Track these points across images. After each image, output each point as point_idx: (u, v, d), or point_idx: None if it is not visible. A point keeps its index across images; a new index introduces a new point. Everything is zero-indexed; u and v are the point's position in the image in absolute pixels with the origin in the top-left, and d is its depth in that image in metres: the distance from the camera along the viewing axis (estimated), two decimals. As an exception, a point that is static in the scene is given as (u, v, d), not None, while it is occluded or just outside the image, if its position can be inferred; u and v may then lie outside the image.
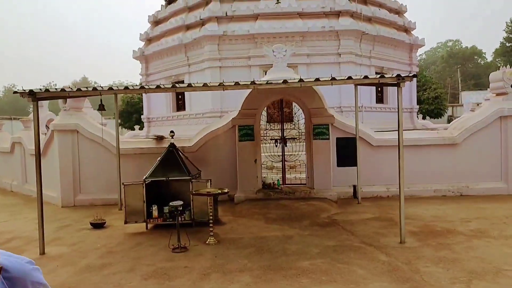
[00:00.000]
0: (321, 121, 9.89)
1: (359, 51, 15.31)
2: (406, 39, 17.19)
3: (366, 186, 10.28)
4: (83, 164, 10.46)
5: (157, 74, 17.69)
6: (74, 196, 10.44)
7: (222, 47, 15.21)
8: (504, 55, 48.51)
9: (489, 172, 10.33)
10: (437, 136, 10.48)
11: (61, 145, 10.30)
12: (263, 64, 14.55)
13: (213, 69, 15.18)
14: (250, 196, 9.85)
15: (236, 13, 15.30)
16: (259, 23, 15.00)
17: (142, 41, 18.37)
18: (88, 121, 10.38)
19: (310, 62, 15.07)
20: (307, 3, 15.25)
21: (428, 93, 33.53)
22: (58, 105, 11.35)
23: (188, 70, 16.24)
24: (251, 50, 15.01)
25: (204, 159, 10.20)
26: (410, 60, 17.84)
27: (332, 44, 15.07)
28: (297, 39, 14.88)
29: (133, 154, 10.26)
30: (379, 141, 10.39)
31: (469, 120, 10.41)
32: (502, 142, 10.25)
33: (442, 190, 10.32)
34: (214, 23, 15.17)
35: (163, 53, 17.07)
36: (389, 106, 16.76)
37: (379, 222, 7.93)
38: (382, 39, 16.10)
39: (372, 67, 16.05)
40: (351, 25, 14.76)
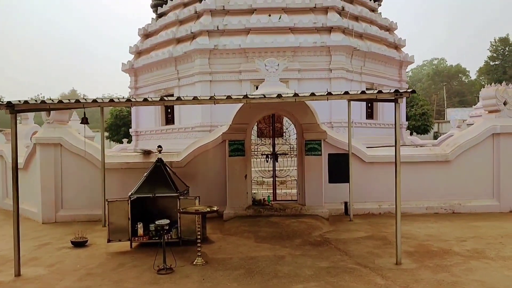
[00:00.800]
0: (313, 136, 9.61)
1: (350, 67, 15.19)
2: (396, 56, 17.18)
3: (358, 203, 9.99)
4: (66, 179, 9.97)
5: (146, 88, 17.32)
6: (55, 211, 9.92)
7: (213, 61, 14.95)
8: (488, 73, 49.38)
9: (481, 190, 10.14)
10: (430, 153, 10.28)
11: (43, 158, 9.82)
12: (254, 79, 14.33)
13: (204, 83, 14.88)
14: (240, 212, 9.46)
15: (228, 27, 15.11)
16: (251, 37, 14.81)
17: (132, 54, 18.05)
18: (72, 135, 9.93)
19: (301, 78, 14.89)
20: (299, 18, 15.13)
21: (415, 110, 33.74)
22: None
23: (178, 83, 15.92)
24: (242, 65, 14.78)
25: (193, 175, 9.81)
26: (400, 76, 17.81)
27: (324, 59, 14.93)
28: (289, 54, 14.71)
29: (119, 168, 9.82)
30: (372, 157, 10.14)
31: (461, 137, 10.24)
32: (495, 159, 10.08)
33: (434, 207, 10.07)
34: (205, 37, 14.94)
35: (152, 66, 16.74)
36: (379, 122, 16.61)
37: (373, 241, 7.60)
38: (373, 55, 16.04)
39: (363, 83, 15.93)
40: (343, 41, 14.66)
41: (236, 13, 15.41)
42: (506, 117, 10.13)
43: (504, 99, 10.13)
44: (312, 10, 15.51)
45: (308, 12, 15.45)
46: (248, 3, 15.36)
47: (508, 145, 10.05)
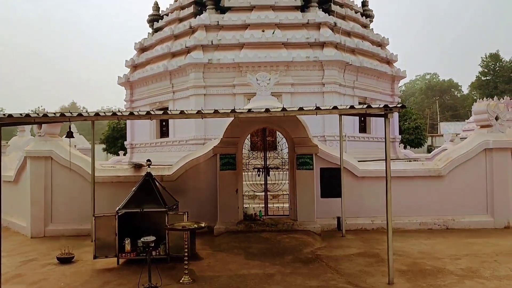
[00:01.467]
0: (305, 151, 9.39)
1: (343, 82, 15.07)
2: (388, 71, 17.09)
3: (350, 218, 9.72)
4: (56, 192, 9.68)
5: (141, 101, 17.14)
6: (44, 226, 9.60)
7: (207, 75, 14.80)
8: (480, 88, 49.59)
9: (475, 205, 9.89)
10: (422, 168, 10.06)
11: (33, 172, 9.55)
12: (248, 92, 14.15)
13: (198, 97, 14.71)
14: (231, 228, 9.17)
15: (222, 42, 15.01)
16: (244, 52, 14.70)
17: (127, 67, 17.90)
18: (63, 148, 9.66)
19: (294, 91, 14.75)
20: (292, 34, 15.06)
21: (409, 123, 33.70)
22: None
23: (172, 97, 15.74)
24: (235, 79, 14.64)
25: (183, 189, 9.54)
26: (393, 91, 17.70)
27: (316, 74, 14.81)
28: (282, 68, 14.59)
29: (109, 182, 9.54)
30: (364, 172, 9.91)
31: (454, 152, 10.04)
32: (488, 174, 9.86)
33: (428, 223, 9.81)
34: (199, 51, 14.82)
35: (148, 80, 16.58)
36: (372, 136, 16.44)
37: (365, 258, 7.33)
38: (365, 70, 15.94)
39: (356, 97, 15.80)
40: (335, 56, 14.56)
41: (230, 28, 15.33)
42: (498, 132, 9.96)
43: (495, 114, 9.97)
44: (305, 26, 15.45)
45: (301, 27, 15.39)
46: (242, 19, 15.30)
47: (500, 160, 9.86)
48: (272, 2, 15.56)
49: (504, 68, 47.84)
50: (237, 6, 15.77)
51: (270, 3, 15.54)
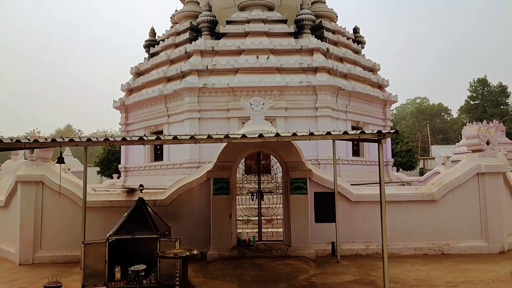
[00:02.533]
0: (298, 175, 9.26)
1: (335, 106, 15.13)
2: (380, 95, 17.22)
3: (345, 243, 9.51)
4: (46, 218, 9.39)
5: (136, 124, 17.04)
6: (33, 252, 9.26)
7: (202, 99, 14.80)
8: (469, 112, 50.16)
9: (469, 230, 9.74)
10: (416, 192, 9.95)
11: (23, 197, 9.29)
12: (242, 116, 14.12)
13: (192, 120, 14.66)
14: (224, 254, 8.92)
15: (217, 67, 15.08)
16: (239, 76, 14.76)
17: (123, 91, 17.88)
18: (55, 172, 9.45)
19: (288, 116, 14.75)
20: (286, 59, 15.19)
21: (401, 147, 33.83)
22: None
23: (167, 120, 15.67)
24: (230, 103, 14.64)
25: (176, 214, 9.32)
26: (385, 115, 17.79)
27: (310, 98, 14.87)
28: (276, 93, 14.64)
29: (101, 207, 9.29)
30: (358, 196, 9.77)
31: (447, 176, 9.97)
32: (481, 199, 9.76)
33: (423, 248, 9.62)
34: (194, 76, 14.86)
35: (143, 104, 16.54)
36: (365, 159, 16.39)
37: (361, 286, 7.10)
38: (358, 95, 16.05)
39: (349, 121, 15.84)
40: (328, 81, 14.66)
41: (225, 54, 15.44)
42: (490, 157, 9.93)
43: (486, 138, 9.97)
44: (298, 52, 15.61)
45: (294, 53, 15.55)
46: (236, 45, 15.43)
47: (493, 185, 9.78)
48: (266, 28, 15.76)
49: (492, 93, 48.62)
50: (231, 33, 15.94)
51: (264, 30, 15.73)
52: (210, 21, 16.15)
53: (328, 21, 17.52)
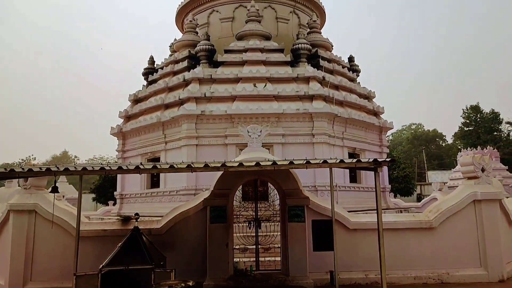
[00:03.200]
0: (296, 202, 9.17)
1: (332, 133, 15.17)
2: (376, 122, 17.32)
3: (344, 272, 9.28)
4: (38, 248, 9.16)
5: (133, 151, 16.96)
6: (23, 284, 8.97)
7: (200, 126, 14.81)
8: (463, 138, 50.48)
9: (468, 258, 9.58)
10: (414, 220, 9.84)
11: (15, 226, 9.09)
12: (240, 143, 14.10)
13: (190, 147, 14.61)
14: (221, 284, 8.70)
15: (215, 94, 15.19)
16: (236, 104, 14.85)
17: (121, 118, 17.90)
18: (49, 201, 9.29)
19: (285, 142, 14.75)
20: (283, 87, 15.34)
21: (397, 172, 33.83)
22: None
23: (164, 147, 15.62)
24: (228, 129, 14.66)
25: (172, 242, 9.13)
26: (381, 141, 17.83)
27: (306, 125, 14.92)
28: (273, 120, 14.71)
29: (95, 236, 9.10)
30: (356, 224, 9.65)
31: (444, 203, 9.89)
32: (478, 226, 9.65)
33: (422, 277, 9.42)
34: (192, 103, 14.93)
35: (140, 130, 16.53)
36: (362, 186, 16.31)
37: (360, 317, 6.89)
38: (354, 122, 16.14)
39: (345, 147, 15.85)
40: (324, 108, 14.77)
41: (223, 82, 15.59)
42: (485, 184, 9.90)
43: (481, 165, 9.97)
44: (294, 80, 15.79)
45: (291, 81, 15.72)
46: (234, 73, 15.61)
47: (490, 212, 9.70)
48: (263, 57, 15.98)
49: (485, 119, 49.11)
50: (229, 61, 16.15)
51: (261, 59, 15.96)
52: (208, 50, 16.38)
53: (324, 50, 17.82)
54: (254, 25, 16.83)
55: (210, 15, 18.60)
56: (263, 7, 17.95)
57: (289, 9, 18.65)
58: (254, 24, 16.86)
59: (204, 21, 18.60)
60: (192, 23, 18.05)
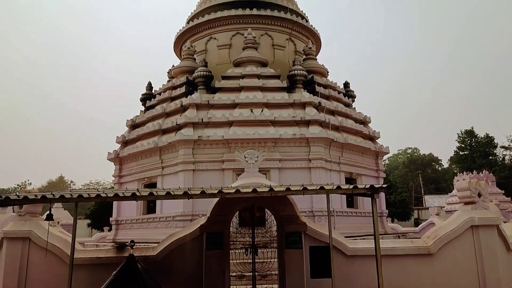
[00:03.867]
0: (293, 228, 9.09)
1: (328, 157, 15.22)
2: (372, 147, 17.42)
3: (342, 300, 9.11)
4: (31, 276, 8.94)
5: (129, 176, 16.90)
6: (14, 314, 8.75)
7: (197, 151, 14.84)
8: (459, 162, 50.63)
9: (467, 284, 9.41)
10: (412, 246, 9.74)
11: (9, 254, 8.92)
12: (237, 168, 14.09)
13: (187, 172, 14.58)
14: (217, 312, 8.49)
15: (212, 119, 15.30)
16: (233, 129, 14.93)
17: (118, 143, 17.93)
18: (43, 228, 9.15)
19: (282, 167, 14.77)
20: (279, 112, 15.49)
21: (394, 197, 33.72)
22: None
23: (161, 172, 15.57)
24: (224, 154, 14.69)
25: (168, 270, 8.96)
26: (377, 166, 17.88)
27: (303, 150, 14.99)
28: (270, 145, 14.78)
29: (89, 264, 8.92)
30: (354, 250, 9.52)
31: (442, 229, 9.82)
32: (477, 252, 9.55)
33: (422, 305, 9.24)
34: (190, 128, 15.01)
35: (137, 156, 16.52)
36: (360, 211, 16.23)
37: None
38: (350, 147, 16.22)
39: (342, 172, 15.87)
40: (321, 133, 14.87)
41: (220, 107, 15.73)
42: (482, 209, 9.86)
43: (477, 191, 9.97)
44: (291, 105, 15.97)
45: (288, 107, 15.89)
46: (231, 99, 15.78)
47: (487, 237, 9.62)
48: (260, 83, 16.21)
49: (480, 144, 49.43)
50: (227, 87, 16.35)
51: (258, 85, 16.18)
52: (205, 76, 16.61)
53: (320, 76, 18.12)
54: (251, 52, 17.16)
55: (208, 42, 18.99)
56: (260, 35, 18.36)
57: (285, 37, 19.08)
58: (251, 51, 17.19)
59: (202, 48, 18.97)
60: (190, 49, 18.39)
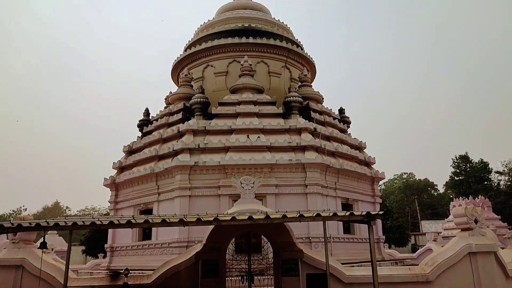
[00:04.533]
0: (290, 255, 8.98)
1: (324, 183, 15.19)
2: (367, 172, 17.43)
3: (340, 330, 8.90)
4: (23, 306, 8.74)
5: (125, 202, 16.72)
6: None
7: (193, 177, 14.78)
8: (454, 187, 50.62)
9: (467, 313, 9.27)
10: (410, 273, 9.60)
11: (1, 282, 8.69)
12: (233, 194, 14.01)
13: (183, 198, 14.47)
14: None
15: (208, 145, 15.32)
16: (230, 155, 14.94)
17: (115, 169, 17.83)
18: (37, 255, 8.98)
19: (278, 193, 14.69)
20: (275, 138, 15.55)
21: (391, 222, 33.45)
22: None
23: (157, 198, 15.44)
24: (221, 180, 14.62)
25: (162, 299, 8.77)
26: (373, 192, 17.84)
27: (299, 175, 14.97)
28: (266, 170, 14.76)
29: (82, 293, 8.73)
30: (351, 278, 9.37)
31: (439, 256, 9.72)
32: (475, 279, 9.43)
33: (422, 335, 9.03)
34: (186, 154, 15.00)
35: (134, 181, 16.41)
36: (356, 237, 16.06)
37: None
38: (346, 172, 16.23)
39: (338, 198, 15.81)
40: (317, 159, 14.90)
41: (216, 133, 15.79)
42: (479, 236, 9.81)
43: (474, 217, 9.94)
44: (287, 131, 16.06)
45: (284, 133, 15.98)
46: (228, 124, 15.87)
47: (485, 264, 9.53)
48: (256, 110, 16.35)
49: (474, 169, 49.60)
50: (223, 113, 16.47)
51: (254, 111, 16.32)
52: (202, 102, 16.76)
53: (315, 102, 18.33)
54: (247, 79, 17.41)
55: (205, 70, 19.26)
56: (256, 62, 18.67)
57: (281, 64, 19.41)
58: (247, 78, 17.44)
59: (199, 75, 19.22)
60: (188, 77, 18.64)
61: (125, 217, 6.87)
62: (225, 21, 20.03)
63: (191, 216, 6.28)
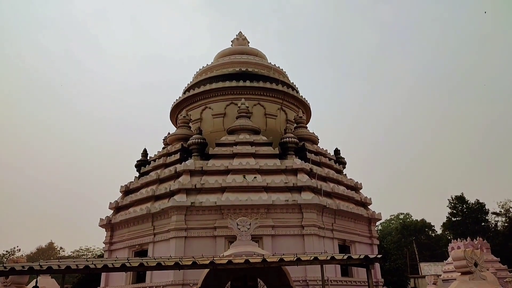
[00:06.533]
0: (287, 300, 8.64)
1: (321, 224, 14.97)
2: (364, 213, 17.23)
3: None
4: None
5: (120, 243, 16.32)
6: None
7: (189, 218, 14.55)
8: (452, 228, 49.94)
9: None
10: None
11: (-14, 329, 8.30)
12: (229, 235, 13.76)
13: (178, 239, 14.16)
14: None
15: (205, 185, 15.22)
16: (226, 195, 14.81)
17: (111, 209, 17.56)
18: (26, 300, 8.63)
19: (275, 234, 14.43)
20: (272, 178, 15.49)
21: (389, 264, 32.62)
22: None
23: (153, 239, 15.10)
24: (217, 221, 14.40)
25: None
26: (370, 233, 17.54)
27: (296, 216, 14.77)
28: (262, 211, 14.58)
29: None
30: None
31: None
32: (478, 326, 9.08)
33: None
34: (183, 195, 14.86)
35: (130, 222, 16.10)
36: (355, 280, 15.58)
37: None
38: (343, 213, 16.04)
39: (335, 239, 15.51)
40: (313, 199, 14.77)
41: (213, 173, 15.74)
42: (480, 279, 9.52)
43: (473, 260, 9.71)
44: (283, 172, 16.04)
45: (280, 173, 15.95)
46: (224, 165, 15.86)
47: (488, 309, 9.22)
48: (253, 150, 16.41)
49: (471, 210, 49.14)
50: (220, 154, 16.51)
51: (251, 152, 16.37)
52: (200, 143, 16.83)
53: (310, 143, 18.45)
54: (244, 120, 17.62)
55: (203, 111, 19.53)
56: (253, 104, 18.99)
57: (277, 106, 19.74)
58: (244, 119, 17.66)
59: (197, 117, 19.45)
60: (186, 118, 18.86)
61: (120, 260, 6.66)
62: (223, 66, 20.58)
63: (187, 259, 6.10)
